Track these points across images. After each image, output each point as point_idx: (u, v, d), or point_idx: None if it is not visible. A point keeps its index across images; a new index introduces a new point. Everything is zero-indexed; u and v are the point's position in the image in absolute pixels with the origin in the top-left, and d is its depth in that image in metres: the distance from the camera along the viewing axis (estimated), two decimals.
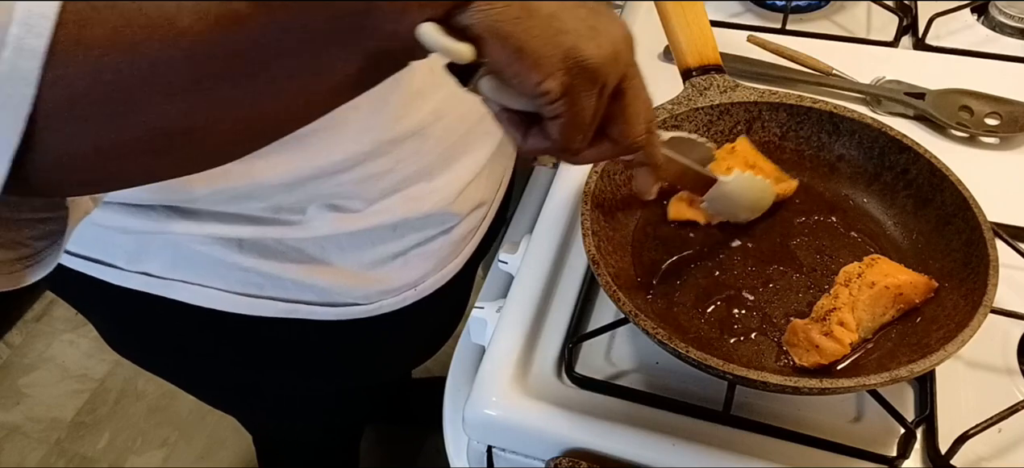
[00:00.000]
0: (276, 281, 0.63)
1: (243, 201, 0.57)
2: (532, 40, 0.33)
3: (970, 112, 0.71)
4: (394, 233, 0.64)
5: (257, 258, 0.61)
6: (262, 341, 0.69)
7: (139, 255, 0.62)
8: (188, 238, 0.59)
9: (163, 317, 0.65)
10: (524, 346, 0.57)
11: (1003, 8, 0.82)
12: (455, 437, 0.60)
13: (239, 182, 0.55)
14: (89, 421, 1.54)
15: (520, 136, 0.39)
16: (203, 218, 0.58)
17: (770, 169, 0.61)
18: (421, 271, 0.68)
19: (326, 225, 0.60)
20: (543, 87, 0.34)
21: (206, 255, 0.60)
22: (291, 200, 0.58)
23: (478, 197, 0.69)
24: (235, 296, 0.63)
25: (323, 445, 1.05)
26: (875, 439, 0.51)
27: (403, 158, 0.59)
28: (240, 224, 0.59)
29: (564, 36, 0.34)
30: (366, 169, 0.58)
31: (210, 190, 0.55)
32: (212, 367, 0.76)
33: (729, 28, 0.83)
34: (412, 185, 0.62)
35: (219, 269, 0.62)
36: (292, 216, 0.60)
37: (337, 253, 0.63)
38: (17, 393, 1.59)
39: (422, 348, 0.88)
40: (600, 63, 0.35)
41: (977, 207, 0.54)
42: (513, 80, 0.34)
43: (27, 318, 1.71)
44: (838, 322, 0.50)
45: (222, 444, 1.49)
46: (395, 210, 0.62)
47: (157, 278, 0.62)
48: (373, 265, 0.65)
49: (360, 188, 0.59)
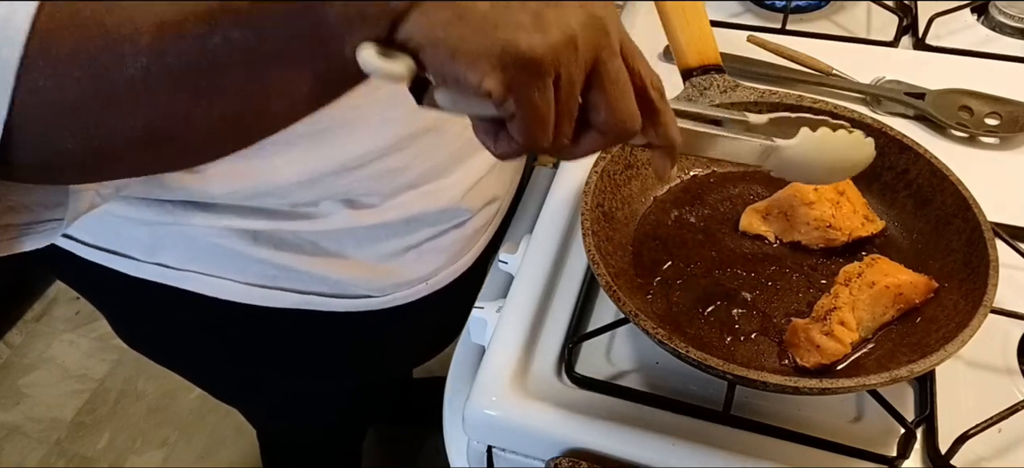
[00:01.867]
0: (290, 273, 0.63)
1: (261, 197, 0.58)
2: (465, 41, 0.32)
3: (970, 112, 0.71)
4: (408, 227, 0.64)
5: (272, 250, 0.61)
6: (275, 333, 0.70)
7: (154, 246, 0.62)
8: (204, 230, 0.60)
9: (177, 308, 0.66)
10: (524, 346, 0.56)
11: (1003, 8, 0.82)
12: (455, 437, 0.60)
13: (257, 179, 0.55)
14: (89, 421, 1.54)
15: (491, 142, 0.37)
16: (219, 211, 0.59)
17: (858, 202, 0.59)
18: (433, 265, 0.69)
19: (342, 219, 0.61)
20: (483, 87, 0.32)
21: (222, 247, 0.61)
22: (308, 196, 0.59)
23: (491, 192, 0.69)
24: (249, 287, 0.64)
25: (327, 444, 1.05)
26: (875, 439, 0.51)
27: (419, 154, 0.59)
28: (256, 217, 0.59)
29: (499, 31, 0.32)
30: (383, 165, 0.58)
31: (227, 188, 0.56)
32: (224, 359, 0.77)
33: (729, 28, 0.83)
34: (428, 181, 0.62)
35: (234, 261, 0.62)
36: (308, 210, 0.60)
37: (352, 246, 0.63)
38: (17, 393, 1.59)
39: (433, 343, 0.88)
40: (542, 53, 0.33)
41: (977, 207, 0.54)
42: (455, 86, 0.33)
43: (27, 318, 1.71)
44: (839, 321, 0.50)
45: (222, 444, 1.49)
46: (410, 205, 0.62)
47: (172, 269, 0.63)
48: (386, 258, 0.65)
49: (376, 184, 0.59)
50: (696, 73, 0.64)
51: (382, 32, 0.32)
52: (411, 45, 0.32)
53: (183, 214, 0.58)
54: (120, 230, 0.62)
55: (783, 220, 0.59)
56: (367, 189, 0.59)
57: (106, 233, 0.63)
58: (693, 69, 0.64)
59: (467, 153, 0.63)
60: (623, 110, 0.37)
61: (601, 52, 0.35)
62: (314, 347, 0.74)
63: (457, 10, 0.32)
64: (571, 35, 0.34)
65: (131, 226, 0.60)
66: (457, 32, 0.32)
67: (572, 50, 0.34)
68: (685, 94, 0.63)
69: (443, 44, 0.32)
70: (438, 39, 0.32)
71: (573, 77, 0.35)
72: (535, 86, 0.34)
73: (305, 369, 0.78)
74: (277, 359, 0.75)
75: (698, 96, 0.63)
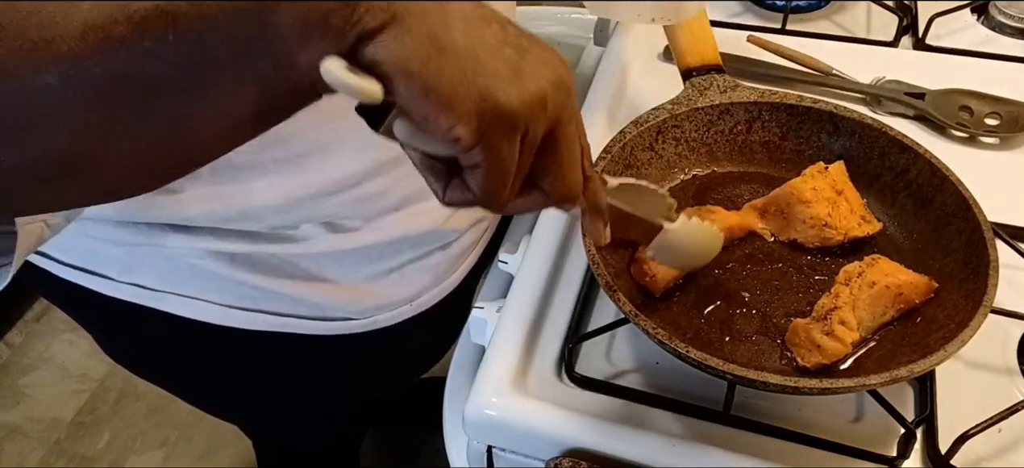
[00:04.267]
0: (269, 295, 0.62)
1: (238, 220, 0.56)
2: (442, 81, 0.29)
3: (970, 112, 0.71)
4: (390, 249, 0.63)
5: (250, 272, 0.60)
6: (254, 355, 0.68)
7: (131, 266, 0.61)
8: (181, 251, 0.58)
9: (155, 329, 0.65)
10: (524, 346, 0.56)
11: (1003, 8, 0.82)
12: (455, 437, 0.60)
13: (234, 203, 0.54)
14: (89, 421, 1.54)
15: (440, 188, 0.35)
16: (196, 233, 0.58)
17: (856, 203, 0.59)
18: (417, 287, 0.67)
19: (322, 242, 0.59)
20: (454, 133, 0.30)
21: (199, 268, 0.59)
22: (287, 220, 0.57)
23: (478, 213, 0.68)
24: (228, 309, 0.62)
25: (322, 450, 1.05)
26: (875, 439, 0.51)
27: (401, 178, 0.58)
28: (234, 239, 0.58)
29: (480, 78, 0.30)
30: (363, 189, 0.57)
31: (204, 210, 0.55)
32: (205, 379, 0.75)
33: (729, 28, 0.83)
34: (410, 204, 0.61)
35: (212, 282, 0.61)
36: (287, 232, 0.59)
37: (333, 268, 0.62)
38: (17, 393, 1.59)
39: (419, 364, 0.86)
40: (519, 109, 0.31)
41: (977, 207, 0.54)
42: (423, 124, 0.30)
43: (27, 318, 1.71)
44: (839, 321, 0.50)
45: (222, 444, 1.49)
46: (392, 228, 0.61)
47: (149, 290, 0.62)
48: (368, 280, 0.64)
49: (357, 208, 0.58)
50: (696, 73, 0.64)
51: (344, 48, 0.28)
52: (379, 70, 0.29)
53: (159, 235, 0.57)
54: (96, 249, 0.60)
55: (780, 218, 0.59)
56: (347, 213, 0.58)
57: (81, 251, 0.61)
58: (693, 69, 0.64)
59: None
60: (572, 176, 0.37)
61: (562, 113, 0.34)
62: (296, 368, 0.72)
63: (436, 43, 0.29)
64: (543, 94, 0.32)
65: (106, 246, 0.59)
66: (435, 69, 0.29)
67: (542, 109, 0.33)
68: (685, 94, 0.63)
69: (418, 78, 0.29)
70: (413, 72, 0.29)
71: (537, 136, 0.34)
72: (506, 140, 0.32)
73: (288, 389, 0.77)
74: (259, 379, 0.74)
75: (698, 96, 0.63)
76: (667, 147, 0.62)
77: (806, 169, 0.58)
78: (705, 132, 0.63)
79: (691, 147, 0.63)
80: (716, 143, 0.64)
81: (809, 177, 0.58)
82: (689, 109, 0.62)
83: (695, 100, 0.62)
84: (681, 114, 0.62)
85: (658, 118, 0.61)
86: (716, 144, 0.64)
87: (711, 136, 0.63)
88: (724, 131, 0.64)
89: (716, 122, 0.63)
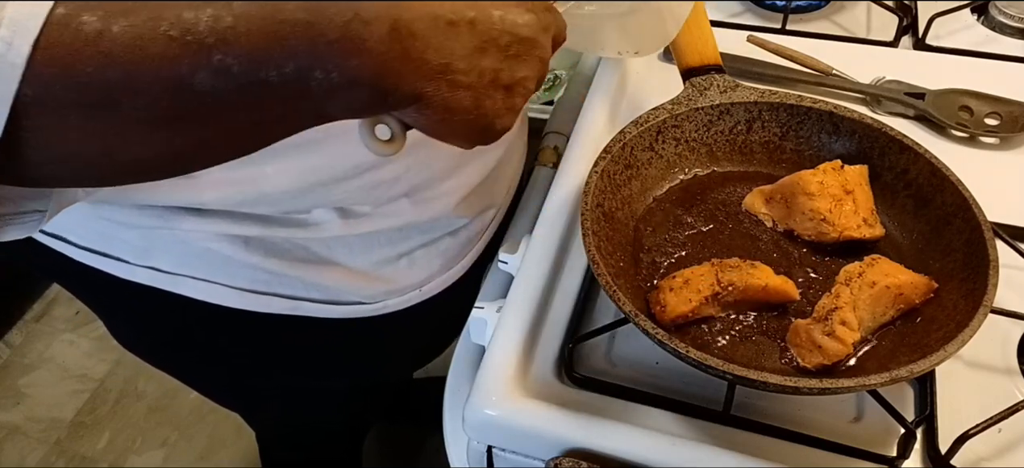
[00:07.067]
0: (282, 278, 0.63)
1: (252, 204, 0.57)
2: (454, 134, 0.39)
3: (970, 112, 0.71)
4: (400, 234, 0.64)
5: (263, 256, 0.61)
6: (267, 338, 0.69)
7: (146, 250, 0.62)
8: (196, 234, 0.59)
9: (169, 312, 0.65)
10: (524, 346, 0.56)
11: (1003, 8, 0.82)
12: (455, 437, 0.60)
13: (248, 187, 0.55)
14: (89, 421, 1.54)
15: None
16: (211, 216, 0.58)
17: (864, 207, 0.58)
18: (427, 272, 0.68)
19: (334, 227, 0.60)
20: None
21: (213, 251, 0.60)
22: (300, 204, 0.58)
23: (487, 200, 0.69)
24: (241, 292, 0.63)
25: (326, 445, 1.05)
26: (875, 439, 0.51)
27: (412, 165, 0.59)
28: (248, 223, 0.59)
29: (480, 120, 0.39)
30: (375, 175, 0.57)
31: (219, 194, 0.55)
32: (217, 363, 0.76)
33: (729, 28, 0.83)
34: (421, 190, 0.62)
35: (226, 265, 0.62)
36: (300, 217, 0.60)
37: (344, 253, 0.63)
38: (17, 393, 1.59)
39: (428, 349, 0.88)
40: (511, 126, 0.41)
41: (977, 207, 0.54)
42: None
43: (27, 318, 1.71)
44: (840, 321, 0.50)
45: (222, 444, 1.49)
46: (403, 213, 0.62)
47: (164, 273, 0.62)
48: (379, 265, 0.65)
49: (369, 194, 0.59)
50: (696, 73, 0.64)
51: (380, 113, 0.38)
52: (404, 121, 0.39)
53: (174, 218, 0.58)
54: (111, 232, 0.61)
55: (783, 206, 0.59)
56: (359, 199, 0.59)
57: (97, 235, 0.62)
58: (693, 69, 0.64)
59: (462, 162, 0.63)
60: None
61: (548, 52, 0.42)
62: (307, 353, 0.73)
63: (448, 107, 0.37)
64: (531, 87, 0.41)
65: (122, 229, 0.60)
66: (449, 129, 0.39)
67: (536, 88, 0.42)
68: (685, 94, 0.63)
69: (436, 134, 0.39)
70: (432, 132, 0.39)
71: None
72: None
73: (298, 374, 0.78)
74: (269, 363, 0.75)
75: (698, 96, 0.63)
76: (667, 147, 0.62)
77: (822, 164, 0.58)
78: (705, 132, 0.63)
79: (691, 147, 0.63)
80: (716, 143, 0.64)
81: (821, 171, 0.58)
82: (689, 109, 0.62)
83: (695, 100, 0.62)
84: (681, 114, 0.62)
85: (658, 118, 0.61)
86: (716, 144, 0.64)
87: (711, 136, 0.63)
88: (724, 131, 0.64)
89: (716, 122, 0.63)
